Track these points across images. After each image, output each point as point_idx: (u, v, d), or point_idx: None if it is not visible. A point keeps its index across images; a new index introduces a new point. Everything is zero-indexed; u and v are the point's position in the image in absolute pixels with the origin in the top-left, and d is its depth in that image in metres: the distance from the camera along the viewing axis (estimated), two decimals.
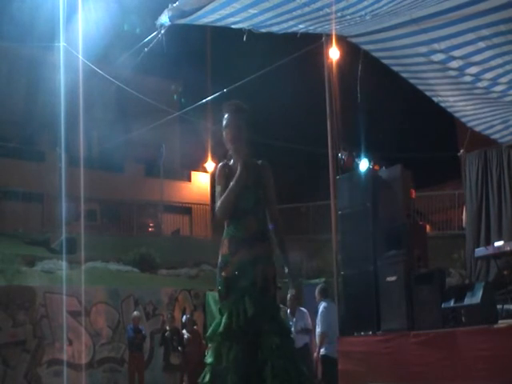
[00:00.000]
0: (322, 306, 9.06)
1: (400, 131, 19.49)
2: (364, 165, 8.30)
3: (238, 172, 3.68)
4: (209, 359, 3.58)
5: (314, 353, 9.16)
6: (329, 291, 9.39)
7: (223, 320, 3.56)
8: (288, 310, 9.55)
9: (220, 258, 3.69)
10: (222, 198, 3.66)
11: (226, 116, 3.81)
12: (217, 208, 3.70)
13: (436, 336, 6.25)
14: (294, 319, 9.45)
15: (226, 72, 18.84)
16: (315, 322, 9.29)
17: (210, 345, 3.66)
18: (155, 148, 23.15)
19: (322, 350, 8.88)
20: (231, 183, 3.66)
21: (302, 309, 9.71)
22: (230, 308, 3.56)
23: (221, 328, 3.56)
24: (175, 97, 23.22)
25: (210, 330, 3.65)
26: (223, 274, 3.66)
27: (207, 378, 3.54)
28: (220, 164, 3.85)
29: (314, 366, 9.02)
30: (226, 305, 3.60)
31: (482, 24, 6.54)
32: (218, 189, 3.76)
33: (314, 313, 9.62)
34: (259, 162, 3.85)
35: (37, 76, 19.87)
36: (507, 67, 7.28)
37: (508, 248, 7.60)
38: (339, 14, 6.41)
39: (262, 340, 3.49)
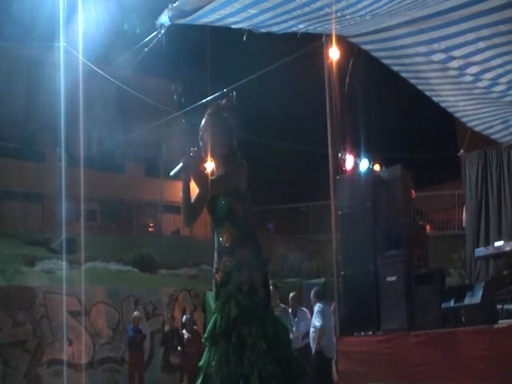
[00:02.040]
0: (317, 306, 9.04)
1: (400, 131, 19.49)
2: (364, 165, 8.30)
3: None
4: (201, 362, 3.59)
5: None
6: (325, 294, 9.42)
7: (210, 324, 3.57)
8: (289, 310, 9.56)
9: (213, 263, 3.72)
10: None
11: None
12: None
13: (436, 336, 6.25)
14: (296, 319, 9.45)
15: (226, 72, 18.84)
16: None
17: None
18: (155, 148, 23.13)
19: (318, 346, 8.88)
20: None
21: (304, 309, 9.70)
22: (216, 312, 3.57)
23: (206, 332, 3.57)
24: (175, 97, 23.21)
25: (205, 333, 3.65)
26: (213, 279, 3.69)
27: (199, 381, 3.55)
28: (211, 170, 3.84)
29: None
30: (215, 309, 3.62)
31: (482, 24, 6.53)
32: None
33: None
34: (238, 162, 3.65)
35: (37, 76, 19.85)
36: (507, 67, 7.28)
37: (508, 248, 7.61)
38: (339, 14, 6.41)
39: (249, 344, 3.43)
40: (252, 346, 3.43)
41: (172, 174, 3.66)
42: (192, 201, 3.76)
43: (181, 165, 3.62)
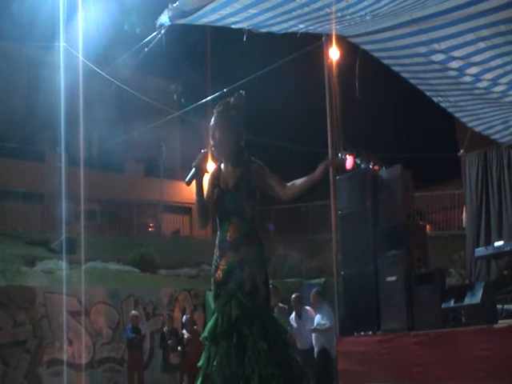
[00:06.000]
0: (326, 306, 9.10)
1: (400, 131, 19.49)
2: (363, 164, 8.31)
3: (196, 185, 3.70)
4: (200, 362, 3.58)
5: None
6: (324, 294, 9.47)
7: (210, 323, 3.56)
8: (293, 313, 9.52)
9: (213, 261, 3.71)
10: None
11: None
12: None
13: (436, 336, 6.25)
14: (301, 320, 9.42)
15: (226, 72, 18.84)
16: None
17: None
18: (155, 148, 23.15)
19: (323, 343, 8.92)
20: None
21: (307, 307, 9.62)
22: (217, 311, 3.56)
23: (206, 332, 3.55)
24: (175, 97, 23.22)
25: (203, 333, 3.64)
26: (213, 277, 3.67)
27: (199, 381, 3.54)
28: (213, 167, 3.84)
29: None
30: (215, 308, 3.61)
31: (482, 24, 6.54)
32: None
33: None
34: (248, 160, 3.73)
35: (37, 76, 19.86)
36: (507, 68, 7.28)
37: (508, 248, 7.60)
38: (339, 14, 6.41)
39: (249, 344, 3.43)
40: (253, 346, 3.42)
41: (187, 180, 3.68)
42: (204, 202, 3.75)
43: (193, 170, 3.66)
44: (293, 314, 9.50)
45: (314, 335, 9.10)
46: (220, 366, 3.42)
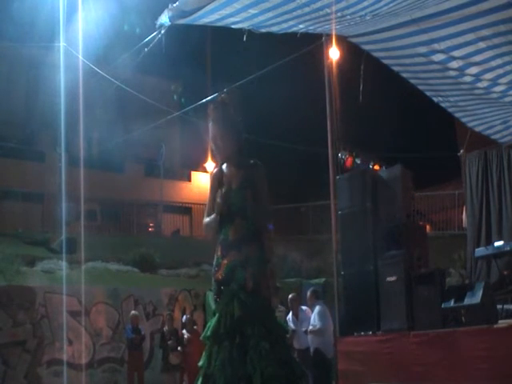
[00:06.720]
0: (317, 306, 9.08)
1: (400, 131, 19.48)
2: (363, 164, 8.31)
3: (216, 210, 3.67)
4: (200, 362, 3.58)
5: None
6: (321, 294, 9.45)
7: (212, 323, 3.56)
8: (290, 313, 9.53)
9: (214, 261, 3.71)
10: (205, 221, 3.73)
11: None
12: (203, 225, 3.76)
13: (436, 336, 6.25)
14: (298, 320, 9.42)
15: (226, 72, 18.85)
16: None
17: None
18: (155, 148, 23.16)
19: (316, 344, 8.91)
20: (214, 214, 3.68)
21: (303, 307, 9.64)
22: (219, 311, 3.56)
23: (209, 331, 3.55)
24: (175, 97, 23.23)
25: (203, 332, 3.64)
26: (215, 277, 3.66)
27: (199, 381, 3.53)
28: (213, 169, 3.82)
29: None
30: (216, 308, 3.61)
31: (482, 24, 6.54)
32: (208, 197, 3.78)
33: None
34: (251, 161, 3.76)
35: (37, 76, 19.87)
36: (507, 67, 7.28)
37: (508, 248, 7.61)
38: (339, 14, 6.42)
39: (251, 344, 3.44)
40: (254, 346, 3.43)
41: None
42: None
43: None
44: (290, 314, 9.50)
45: (309, 336, 9.11)
46: (222, 366, 3.42)
